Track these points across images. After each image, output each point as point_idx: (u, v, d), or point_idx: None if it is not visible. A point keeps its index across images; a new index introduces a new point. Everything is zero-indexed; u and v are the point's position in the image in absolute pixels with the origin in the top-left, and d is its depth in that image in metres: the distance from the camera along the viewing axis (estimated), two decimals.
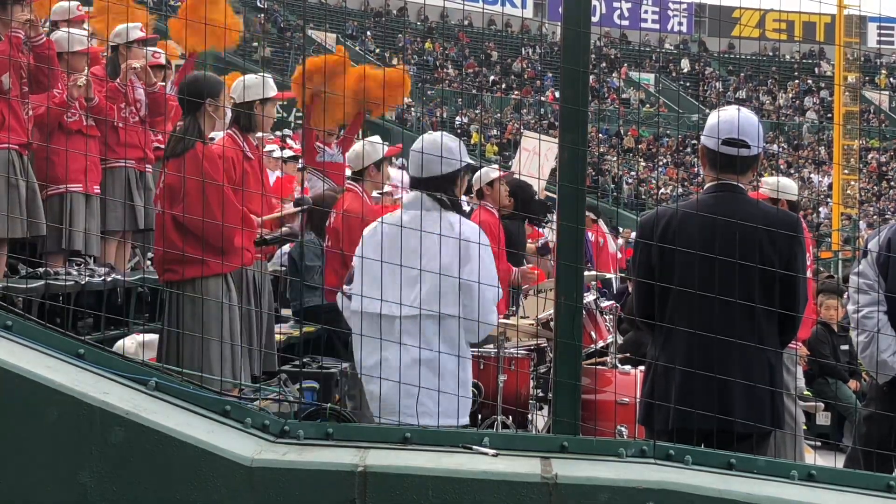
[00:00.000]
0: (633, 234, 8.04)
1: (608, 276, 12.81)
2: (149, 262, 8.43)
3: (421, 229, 4.25)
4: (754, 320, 4.05)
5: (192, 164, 5.42)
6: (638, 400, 4.41)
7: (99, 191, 7.41)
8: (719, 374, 3.96)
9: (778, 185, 7.19)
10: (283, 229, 6.19)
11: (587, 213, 7.20)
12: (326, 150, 9.85)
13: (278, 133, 14.07)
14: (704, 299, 3.99)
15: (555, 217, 10.86)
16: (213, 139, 6.24)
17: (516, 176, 10.06)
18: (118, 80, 7.58)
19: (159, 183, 5.83)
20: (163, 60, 8.36)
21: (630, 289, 6.84)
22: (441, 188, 4.54)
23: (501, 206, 8.80)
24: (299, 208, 6.65)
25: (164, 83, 8.26)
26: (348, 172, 8.04)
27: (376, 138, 7.31)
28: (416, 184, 4.65)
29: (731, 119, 4.18)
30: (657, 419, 4.12)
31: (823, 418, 10.07)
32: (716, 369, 3.96)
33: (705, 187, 4.28)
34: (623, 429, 6.13)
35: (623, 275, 12.87)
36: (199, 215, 5.29)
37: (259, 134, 6.36)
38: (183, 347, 5.43)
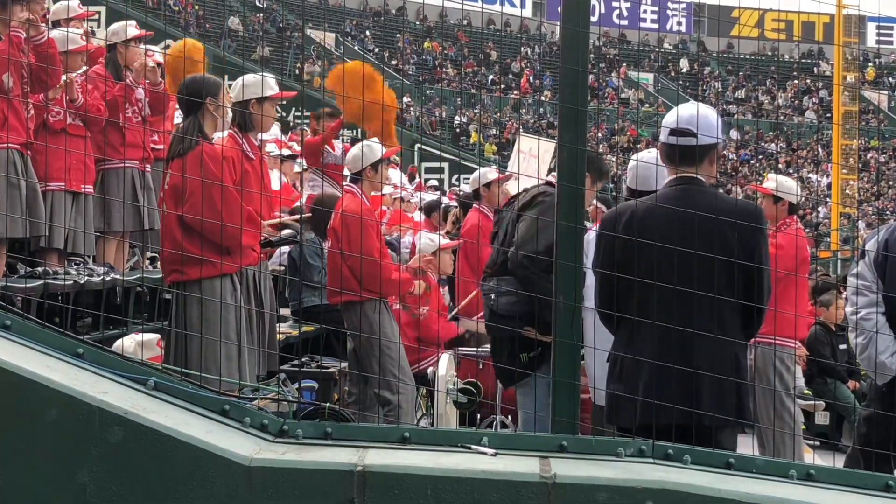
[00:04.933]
0: None
1: None
2: (147, 262, 8.43)
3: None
4: (718, 313, 4.03)
5: (195, 164, 5.43)
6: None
7: (91, 190, 7.39)
8: (684, 369, 3.95)
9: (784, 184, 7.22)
10: (286, 231, 6.19)
11: (601, 207, 7.24)
12: (331, 153, 9.84)
13: (277, 135, 14.04)
14: (668, 293, 3.99)
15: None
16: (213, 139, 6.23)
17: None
18: (130, 78, 7.59)
19: (163, 183, 5.83)
20: (160, 58, 8.36)
21: None
22: None
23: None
24: (297, 216, 6.67)
25: (162, 79, 8.27)
26: (346, 173, 8.03)
27: (374, 140, 7.30)
28: (632, 195, 5.05)
29: (678, 112, 4.24)
30: (623, 417, 4.12)
31: (822, 418, 10.07)
32: (680, 364, 3.95)
33: (665, 181, 4.30)
34: None
35: None
36: (203, 215, 5.29)
37: (260, 134, 6.36)
38: (189, 348, 5.43)
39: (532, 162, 12.28)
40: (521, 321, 5.51)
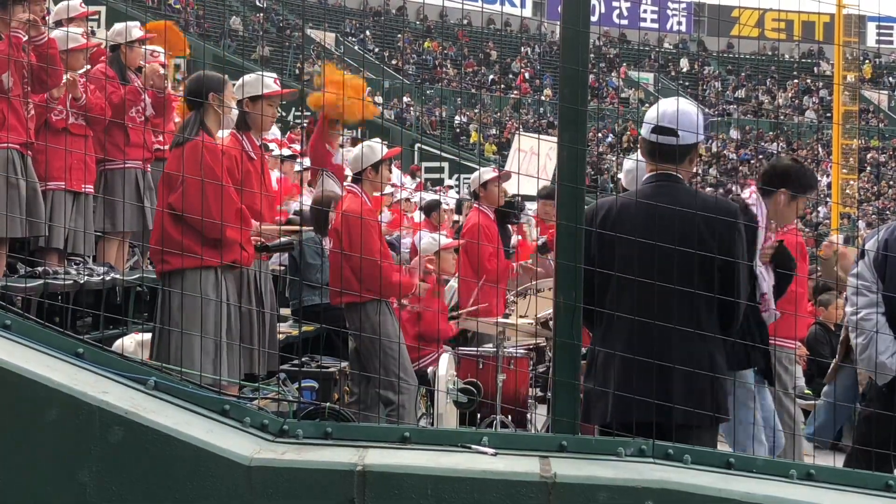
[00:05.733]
0: None
1: None
2: (148, 262, 8.43)
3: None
4: (694, 310, 4.02)
5: (192, 155, 5.42)
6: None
7: (91, 190, 7.40)
8: (659, 366, 3.93)
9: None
10: (284, 239, 6.19)
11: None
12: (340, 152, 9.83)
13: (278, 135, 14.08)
14: (643, 290, 3.98)
15: (525, 214, 10.87)
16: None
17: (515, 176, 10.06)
18: (139, 82, 7.61)
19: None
20: (162, 59, 8.38)
21: None
22: None
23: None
24: (297, 227, 6.68)
25: (167, 83, 8.29)
26: (348, 174, 8.05)
27: (375, 141, 7.30)
28: None
29: (661, 109, 4.21)
30: (595, 414, 4.11)
31: None
32: (654, 360, 3.93)
33: (644, 177, 4.29)
34: None
35: None
36: (194, 205, 5.27)
37: (263, 133, 6.35)
38: (169, 338, 5.40)
39: (535, 160, 12.28)
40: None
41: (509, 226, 10.47)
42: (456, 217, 12.69)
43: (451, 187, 21.62)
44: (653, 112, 4.24)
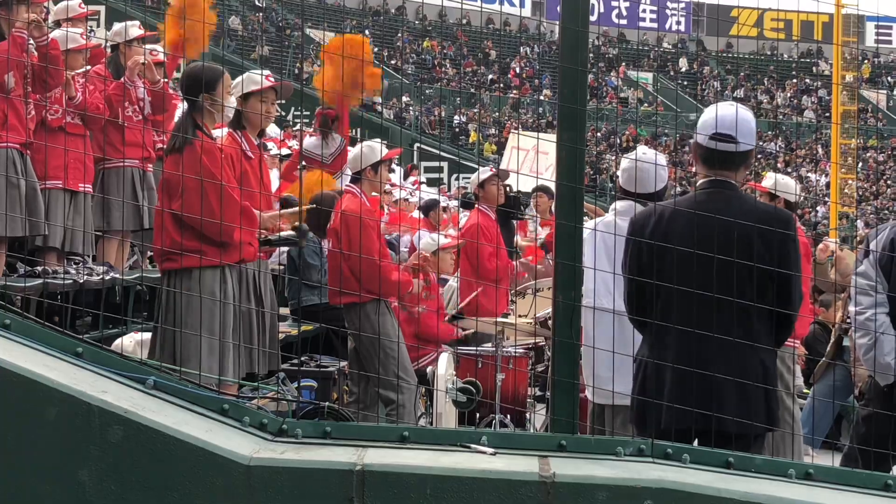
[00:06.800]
0: None
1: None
2: (147, 262, 8.42)
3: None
4: (746, 319, 3.99)
5: (191, 159, 5.40)
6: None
7: (89, 189, 7.39)
8: (710, 375, 3.92)
9: (776, 183, 7.21)
10: (286, 233, 6.17)
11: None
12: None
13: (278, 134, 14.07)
14: (694, 298, 3.95)
15: (529, 209, 10.87)
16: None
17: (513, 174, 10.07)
18: (125, 77, 7.59)
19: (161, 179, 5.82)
20: (162, 58, 8.36)
21: None
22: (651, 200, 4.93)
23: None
24: (296, 209, 6.65)
25: (165, 80, 8.27)
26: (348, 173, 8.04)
27: (375, 141, 7.29)
28: (627, 196, 5.22)
29: (719, 115, 4.15)
30: (649, 419, 4.11)
31: None
32: (705, 369, 3.91)
33: (698, 184, 4.26)
34: None
35: None
36: (197, 209, 5.26)
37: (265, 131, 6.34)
38: (172, 336, 5.40)
39: (536, 159, 12.28)
40: None
41: (514, 222, 10.48)
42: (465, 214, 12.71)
43: (422, 182, 21.38)
44: (709, 117, 4.15)
